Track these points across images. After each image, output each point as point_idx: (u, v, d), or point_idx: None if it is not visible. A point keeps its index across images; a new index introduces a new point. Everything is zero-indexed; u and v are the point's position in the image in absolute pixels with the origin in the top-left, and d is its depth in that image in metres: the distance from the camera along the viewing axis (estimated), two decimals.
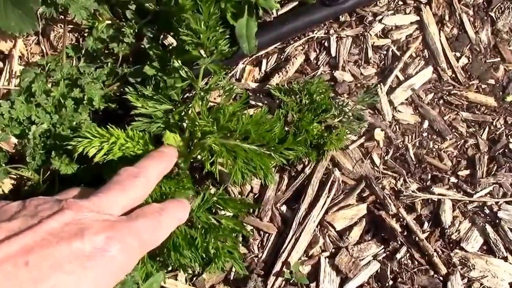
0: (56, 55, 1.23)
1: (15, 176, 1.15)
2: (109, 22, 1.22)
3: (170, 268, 1.12)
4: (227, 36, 1.12)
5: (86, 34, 1.24)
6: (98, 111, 1.16)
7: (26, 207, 0.67)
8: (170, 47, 1.20)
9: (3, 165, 1.09)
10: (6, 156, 1.12)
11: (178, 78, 1.12)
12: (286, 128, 1.14)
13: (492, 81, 1.27)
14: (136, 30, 1.19)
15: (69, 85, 1.16)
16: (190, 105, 1.09)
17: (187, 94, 1.22)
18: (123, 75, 1.18)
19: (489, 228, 1.16)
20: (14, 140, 1.13)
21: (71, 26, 1.24)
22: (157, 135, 1.11)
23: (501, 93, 1.26)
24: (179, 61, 1.11)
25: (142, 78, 1.17)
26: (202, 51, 1.10)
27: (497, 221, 1.16)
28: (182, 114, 1.11)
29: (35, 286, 0.55)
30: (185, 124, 1.13)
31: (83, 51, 1.21)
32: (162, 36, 1.21)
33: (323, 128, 1.17)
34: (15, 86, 1.18)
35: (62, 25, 1.21)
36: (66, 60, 1.20)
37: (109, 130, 1.04)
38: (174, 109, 1.11)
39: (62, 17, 1.19)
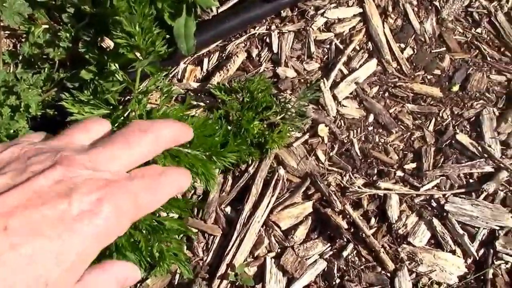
0: None
1: None
2: (46, 26, 1.19)
3: None
4: (166, 37, 1.10)
5: (23, 40, 1.22)
6: (36, 117, 1.14)
7: (18, 158, 0.64)
8: (108, 50, 1.18)
9: None
10: None
11: (116, 82, 1.10)
12: (229, 127, 1.12)
13: (437, 72, 1.25)
14: (73, 34, 1.16)
15: (5, 92, 1.13)
16: (129, 109, 1.07)
17: (128, 97, 1.19)
18: (61, 80, 1.16)
19: (436, 222, 1.14)
20: None
21: (8, 32, 1.21)
22: None
23: (447, 83, 1.24)
24: (116, 65, 1.09)
25: (80, 83, 1.15)
26: (138, 54, 1.08)
27: (444, 214, 1.14)
28: (121, 118, 1.09)
29: (11, 251, 0.53)
30: None
31: (20, 57, 1.19)
32: (99, 39, 1.19)
33: (265, 126, 1.15)
34: None
35: None
36: (2, 66, 1.18)
37: None
38: (112, 114, 1.09)
39: None
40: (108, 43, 1.18)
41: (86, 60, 1.15)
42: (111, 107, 1.09)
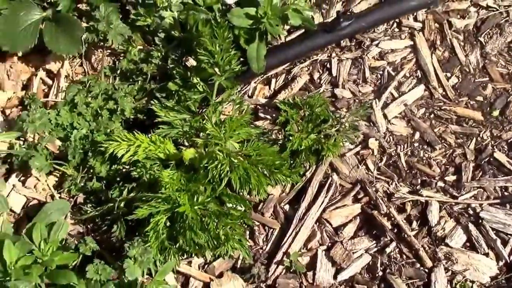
0: (95, 74, 1.64)
1: (58, 174, 1.57)
2: (141, 47, 1.65)
3: (185, 256, 1.48)
4: (239, 57, 1.52)
5: (121, 58, 1.66)
6: (128, 120, 1.56)
7: None
8: (191, 67, 1.61)
9: (49, 160, 1.50)
10: (52, 155, 1.52)
11: (197, 92, 1.52)
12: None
13: (480, 98, 1.60)
14: (163, 54, 1.60)
15: (105, 98, 1.55)
16: (207, 114, 1.48)
17: (205, 109, 1.60)
18: (151, 91, 1.58)
19: (472, 227, 1.45)
20: (58, 143, 1.54)
21: (109, 51, 1.66)
22: (175, 140, 1.51)
23: (488, 108, 1.58)
24: (198, 78, 1.51)
25: (167, 93, 1.57)
26: (216, 70, 1.50)
27: (480, 221, 1.45)
28: (198, 124, 1.51)
29: None
30: (201, 134, 1.52)
31: (118, 71, 1.63)
32: (184, 58, 1.62)
33: (322, 137, 1.53)
34: (61, 99, 1.61)
35: (102, 50, 1.65)
36: (103, 78, 1.61)
37: (135, 135, 1.45)
38: (192, 118, 1.50)
39: (102, 43, 1.62)
40: (192, 62, 1.61)
41: (173, 75, 1.57)
42: (192, 113, 1.52)
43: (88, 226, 1.56)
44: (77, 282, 1.35)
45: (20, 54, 1.68)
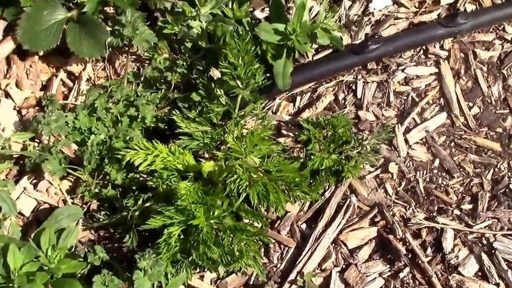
0: (118, 79, 1.72)
1: (72, 179, 1.66)
2: (167, 55, 1.75)
3: (198, 270, 1.58)
4: (263, 71, 1.59)
5: (146, 64, 1.74)
6: (149, 129, 1.64)
7: None
8: (215, 79, 1.71)
9: (63, 164, 1.58)
10: (67, 159, 1.60)
11: (220, 105, 1.63)
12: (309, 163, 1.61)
13: (500, 130, 1.72)
14: (189, 63, 1.69)
15: (126, 105, 1.63)
16: (228, 128, 1.58)
17: (227, 121, 1.71)
18: (174, 100, 1.66)
19: (484, 257, 1.55)
20: (74, 147, 1.62)
21: (134, 57, 1.75)
22: (194, 152, 1.60)
23: (507, 140, 1.70)
24: (221, 90, 1.62)
25: (189, 104, 1.67)
26: (239, 82, 1.58)
27: (493, 251, 1.57)
28: (219, 136, 1.61)
29: None
30: (222, 147, 1.63)
31: (141, 78, 1.71)
32: (209, 70, 1.73)
33: (342, 158, 1.65)
34: (80, 102, 1.69)
35: (126, 55, 1.75)
36: (126, 84, 1.69)
37: (154, 144, 1.52)
38: (213, 131, 1.61)
39: (127, 48, 1.73)
40: (216, 73, 1.72)
41: (197, 85, 1.67)
42: (213, 125, 1.62)
43: (100, 234, 1.63)
44: None
45: (41, 53, 1.77)
